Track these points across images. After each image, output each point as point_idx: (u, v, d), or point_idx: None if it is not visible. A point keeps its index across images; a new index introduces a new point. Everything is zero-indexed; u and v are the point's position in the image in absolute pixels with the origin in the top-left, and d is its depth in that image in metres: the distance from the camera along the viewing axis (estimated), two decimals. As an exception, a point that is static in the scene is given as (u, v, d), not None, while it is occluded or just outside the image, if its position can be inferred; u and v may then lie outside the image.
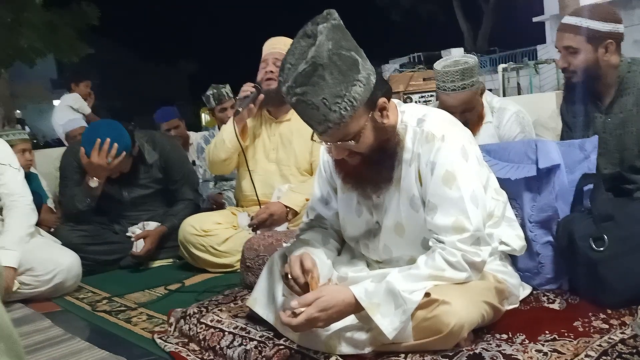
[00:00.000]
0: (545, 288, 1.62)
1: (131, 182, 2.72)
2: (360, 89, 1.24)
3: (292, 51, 1.23)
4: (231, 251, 2.39)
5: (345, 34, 1.24)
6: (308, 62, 1.18)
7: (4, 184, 2.27)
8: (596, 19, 1.77)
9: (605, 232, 1.45)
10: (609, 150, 1.82)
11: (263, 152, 2.50)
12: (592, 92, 1.87)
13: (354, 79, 1.23)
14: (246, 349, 1.41)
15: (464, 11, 22.01)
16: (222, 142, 2.43)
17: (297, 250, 1.42)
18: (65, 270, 2.22)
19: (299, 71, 1.19)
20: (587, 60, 1.80)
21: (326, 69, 1.19)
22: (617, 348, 1.21)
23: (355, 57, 1.23)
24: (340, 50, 1.21)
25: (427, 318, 1.20)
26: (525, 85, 11.70)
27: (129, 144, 2.59)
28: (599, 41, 1.78)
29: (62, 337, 1.75)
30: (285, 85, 1.22)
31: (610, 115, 1.84)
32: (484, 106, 2.44)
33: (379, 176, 1.38)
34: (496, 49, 19.33)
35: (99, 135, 2.50)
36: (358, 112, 1.25)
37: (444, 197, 1.30)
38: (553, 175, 1.61)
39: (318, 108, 1.22)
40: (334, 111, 1.22)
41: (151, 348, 1.61)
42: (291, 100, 1.24)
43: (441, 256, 1.27)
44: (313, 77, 1.19)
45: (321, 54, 1.18)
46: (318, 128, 1.27)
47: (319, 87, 1.20)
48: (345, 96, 1.22)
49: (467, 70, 2.22)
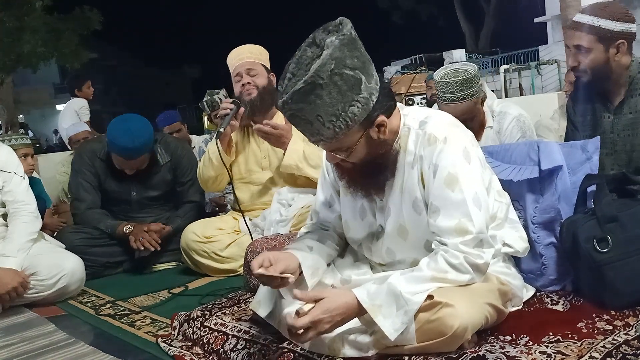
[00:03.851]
0: (549, 289, 1.61)
1: (141, 182, 2.75)
2: (357, 110, 1.23)
3: (298, 59, 1.23)
4: (234, 256, 2.39)
5: (353, 50, 1.21)
6: (307, 80, 1.17)
7: (9, 192, 2.29)
8: (609, 18, 1.72)
9: (609, 234, 1.45)
10: (617, 151, 1.81)
11: (255, 162, 2.50)
12: (601, 91, 1.85)
13: (353, 99, 1.22)
14: (250, 352, 1.42)
15: (465, 12, 22.00)
16: (209, 160, 2.44)
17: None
18: (69, 274, 2.23)
19: (296, 88, 1.18)
20: (597, 60, 1.76)
21: (325, 88, 1.18)
22: (621, 349, 1.21)
23: (358, 77, 1.22)
24: (343, 70, 1.19)
25: (430, 320, 1.20)
26: (527, 86, 11.68)
27: (152, 140, 2.63)
28: (611, 41, 1.74)
29: (66, 342, 1.76)
30: (282, 98, 1.22)
31: (619, 116, 1.82)
32: (484, 114, 2.44)
33: (370, 185, 1.39)
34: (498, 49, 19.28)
35: (128, 126, 2.53)
36: (352, 129, 1.26)
37: (447, 200, 1.29)
38: (555, 176, 1.60)
39: (312, 123, 1.23)
40: (327, 128, 1.23)
41: (155, 352, 1.61)
42: (285, 113, 1.25)
43: (444, 258, 1.26)
44: (310, 95, 1.19)
45: (322, 73, 1.17)
46: (310, 138, 1.29)
47: (315, 105, 1.20)
48: (341, 116, 1.22)
49: (467, 81, 2.21)
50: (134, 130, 2.53)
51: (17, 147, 3.01)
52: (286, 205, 2.41)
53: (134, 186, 2.74)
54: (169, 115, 3.91)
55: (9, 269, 2.12)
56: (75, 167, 2.76)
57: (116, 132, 2.53)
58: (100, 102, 4.65)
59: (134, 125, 2.55)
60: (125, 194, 2.75)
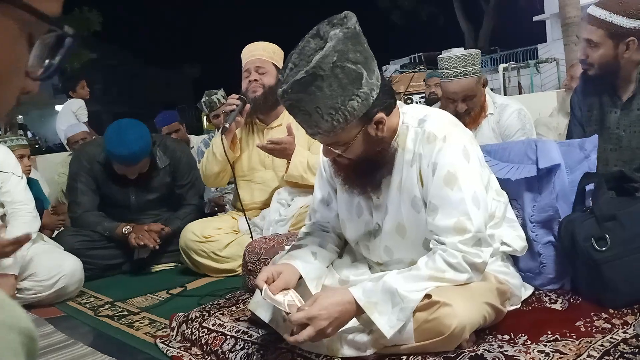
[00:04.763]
0: (547, 288, 1.61)
1: (140, 186, 2.73)
2: (357, 104, 1.23)
3: (300, 50, 1.22)
4: (233, 256, 2.39)
5: (357, 44, 1.21)
6: (308, 71, 1.17)
7: (6, 192, 2.28)
8: (622, 14, 1.70)
9: (607, 232, 1.45)
10: (622, 147, 1.80)
11: (258, 161, 2.49)
12: (609, 87, 1.83)
13: (353, 93, 1.21)
14: (248, 352, 1.41)
15: (464, 11, 21.98)
16: (213, 156, 2.43)
17: (282, 260, 1.43)
18: (67, 275, 2.22)
19: (297, 78, 1.18)
20: (606, 55, 1.75)
21: (325, 80, 1.18)
22: (619, 348, 1.20)
23: (360, 71, 1.21)
24: (345, 63, 1.19)
25: (428, 320, 1.20)
26: (526, 85, 11.68)
27: (150, 145, 2.61)
28: (621, 38, 1.72)
29: (65, 343, 1.75)
30: (282, 87, 1.22)
31: (626, 112, 1.80)
32: (486, 98, 2.45)
33: (366, 182, 1.38)
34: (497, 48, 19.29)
35: (123, 135, 2.51)
36: (351, 124, 1.25)
37: (446, 198, 1.29)
38: (553, 175, 1.60)
39: (310, 115, 1.22)
40: (325, 120, 1.22)
41: (153, 352, 1.61)
42: (284, 103, 1.24)
43: (442, 257, 1.26)
44: (310, 86, 1.18)
45: (324, 65, 1.16)
46: (308, 130, 1.28)
47: (314, 97, 1.20)
48: (340, 109, 1.22)
49: (469, 57, 2.25)
50: (130, 139, 2.49)
51: (13, 148, 3.00)
52: (285, 205, 2.41)
53: (132, 190, 2.73)
54: (167, 115, 3.91)
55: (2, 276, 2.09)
56: (73, 170, 2.73)
57: (113, 141, 2.50)
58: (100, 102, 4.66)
59: (130, 133, 2.51)
60: (124, 197, 2.73)
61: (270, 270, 1.35)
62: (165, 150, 2.77)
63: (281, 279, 1.34)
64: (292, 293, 1.33)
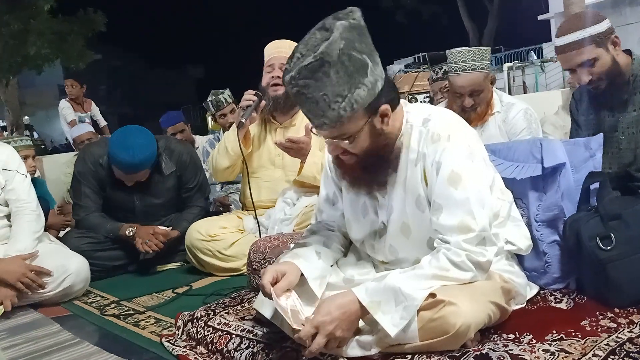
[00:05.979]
0: (552, 287, 1.61)
1: (144, 191, 2.70)
2: (363, 93, 1.23)
3: (306, 41, 1.22)
4: (238, 255, 2.40)
5: (362, 36, 1.23)
6: (316, 56, 1.17)
7: (11, 190, 2.30)
8: (590, 25, 1.75)
9: (612, 231, 1.44)
10: (622, 149, 1.81)
11: (268, 159, 2.50)
12: (604, 90, 1.84)
13: (360, 81, 1.22)
14: (253, 351, 1.42)
15: (468, 10, 21.92)
16: (225, 150, 2.43)
17: (286, 258, 1.43)
18: (74, 274, 2.23)
19: (305, 64, 1.18)
20: (605, 62, 1.77)
21: (333, 66, 1.18)
22: (625, 347, 1.20)
23: (365, 61, 1.22)
24: (351, 51, 1.20)
25: (433, 319, 1.20)
26: (531, 84, 11.64)
27: (154, 156, 2.58)
28: (606, 40, 1.76)
29: (71, 342, 1.76)
30: (289, 74, 1.22)
31: (623, 114, 1.82)
32: (493, 95, 2.45)
33: (373, 179, 1.38)
34: (501, 47, 19.21)
35: (128, 142, 2.47)
36: (357, 114, 1.25)
37: (450, 198, 1.29)
38: (558, 174, 1.60)
39: (317, 103, 1.22)
40: (332, 109, 1.22)
41: (159, 351, 1.62)
42: (291, 90, 1.24)
43: (445, 256, 1.26)
44: (318, 72, 1.19)
45: (331, 51, 1.17)
46: (314, 121, 1.28)
47: (321, 83, 1.20)
48: (347, 97, 1.22)
49: (479, 52, 2.27)
50: (135, 146, 2.46)
51: (17, 148, 3.03)
52: (291, 204, 2.41)
53: (136, 194, 2.70)
54: (172, 115, 3.91)
55: (13, 258, 2.13)
56: (77, 171, 2.71)
57: (118, 146, 2.47)
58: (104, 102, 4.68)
59: (136, 141, 2.48)
60: (128, 202, 2.71)
61: (275, 270, 1.36)
62: (170, 156, 2.72)
63: (285, 279, 1.35)
64: (293, 295, 1.34)
